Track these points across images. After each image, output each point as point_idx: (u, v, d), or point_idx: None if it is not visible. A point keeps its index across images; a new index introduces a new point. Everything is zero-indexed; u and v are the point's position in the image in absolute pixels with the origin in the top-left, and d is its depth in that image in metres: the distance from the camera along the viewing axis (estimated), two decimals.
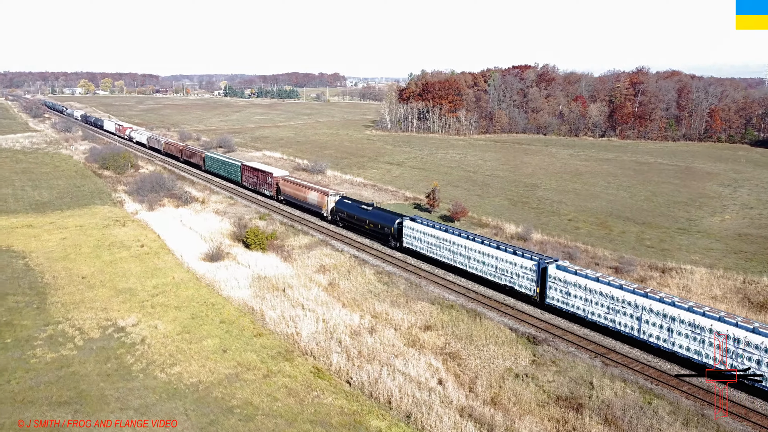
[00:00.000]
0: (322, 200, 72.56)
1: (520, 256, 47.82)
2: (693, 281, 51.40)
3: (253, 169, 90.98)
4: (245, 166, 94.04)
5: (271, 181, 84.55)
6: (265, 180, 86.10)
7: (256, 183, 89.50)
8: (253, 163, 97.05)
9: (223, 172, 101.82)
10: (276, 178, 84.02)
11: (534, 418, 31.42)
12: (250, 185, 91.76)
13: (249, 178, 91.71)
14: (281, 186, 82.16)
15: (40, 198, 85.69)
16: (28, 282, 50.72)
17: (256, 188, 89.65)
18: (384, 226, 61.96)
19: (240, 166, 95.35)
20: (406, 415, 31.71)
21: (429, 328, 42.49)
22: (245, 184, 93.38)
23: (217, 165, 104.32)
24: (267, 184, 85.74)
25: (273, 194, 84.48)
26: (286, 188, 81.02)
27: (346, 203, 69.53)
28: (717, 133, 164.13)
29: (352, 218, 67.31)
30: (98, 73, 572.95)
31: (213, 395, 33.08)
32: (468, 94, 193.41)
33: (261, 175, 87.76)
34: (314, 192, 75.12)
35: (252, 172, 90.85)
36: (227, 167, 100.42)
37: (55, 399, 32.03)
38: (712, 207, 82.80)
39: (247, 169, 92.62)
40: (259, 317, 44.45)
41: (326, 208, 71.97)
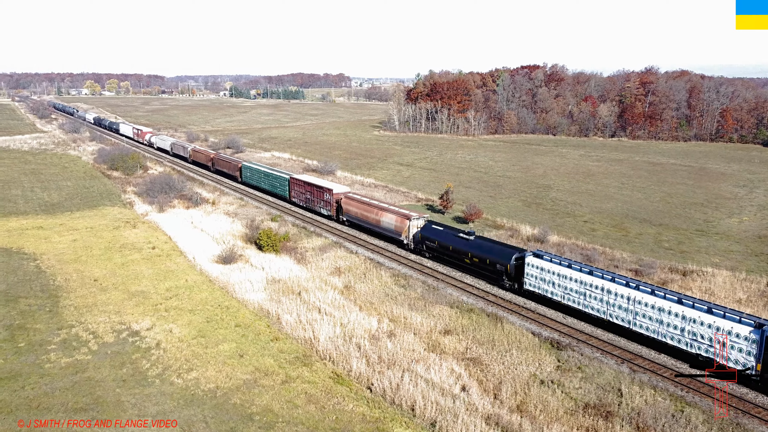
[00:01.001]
0: (402, 225, 60.89)
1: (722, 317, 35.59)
2: (716, 284, 50.32)
3: (305, 184, 79.15)
4: (296, 179, 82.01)
5: (330, 198, 73.00)
6: (322, 197, 74.65)
7: (309, 200, 78.04)
8: (306, 177, 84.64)
9: (266, 186, 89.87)
10: (337, 195, 72.66)
11: (563, 427, 30.46)
12: (300, 202, 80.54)
13: (300, 193, 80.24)
14: (344, 205, 70.41)
15: (50, 199, 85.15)
16: (39, 284, 50.06)
17: (308, 206, 78.57)
18: (495, 262, 49.99)
19: (288, 179, 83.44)
20: (431, 423, 30.80)
21: (449, 333, 41.57)
22: (294, 200, 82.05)
23: (258, 177, 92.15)
24: (324, 201, 74.18)
25: (331, 214, 73.29)
26: (351, 208, 69.27)
27: (435, 230, 57.70)
28: (729, 133, 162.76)
29: (445, 249, 55.57)
30: (104, 74, 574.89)
31: (232, 402, 32.25)
32: (476, 95, 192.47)
33: (316, 191, 76.24)
34: (390, 214, 62.99)
35: (304, 187, 79.30)
36: (271, 180, 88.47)
37: (72, 405, 31.25)
38: (729, 208, 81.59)
39: (299, 184, 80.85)
40: (275, 321, 43.61)
41: (407, 234, 60.47)
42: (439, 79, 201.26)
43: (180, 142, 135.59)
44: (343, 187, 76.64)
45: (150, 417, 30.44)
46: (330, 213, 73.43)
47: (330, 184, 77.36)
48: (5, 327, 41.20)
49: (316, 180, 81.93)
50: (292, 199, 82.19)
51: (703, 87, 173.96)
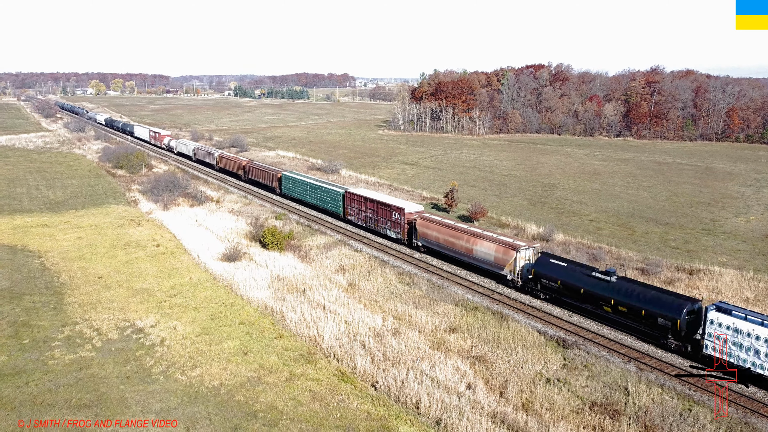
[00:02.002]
0: (506, 257, 49.36)
1: None
2: (723, 283, 49.93)
3: (367, 201, 66.71)
4: (353, 195, 69.25)
5: (400, 218, 61.40)
6: (389, 216, 63.04)
7: (371, 219, 66.20)
8: (367, 192, 71.54)
9: (313, 200, 77.88)
10: (409, 215, 61.05)
11: (569, 425, 30.18)
12: (359, 221, 68.58)
13: (359, 211, 68.25)
14: (420, 227, 58.75)
15: (55, 197, 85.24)
16: (44, 282, 50.04)
17: (369, 226, 66.59)
18: (654, 314, 38.43)
19: (343, 194, 70.96)
20: (436, 421, 30.56)
21: (454, 331, 41.32)
22: (351, 218, 69.98)
23: (303, 189, 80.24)
24: (392, 222, 62.52)
25: (401, 237, 61.78)
26: (429, 231, 57.56)
27: (556, 265, 46.02)
28: (735, 133, 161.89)
29: (572, 292, 43.91)
30: (109, 74, 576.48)
31: (236, 399, 32.09)
32: (481, 94, 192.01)
33: (381, 210, 64.29)
34: (488, 243, 51.38)
35: (365, 204, 66.97)
36: (320, 194, 76.10)
37: (75, 402, 31.13)
38: (736, 207, 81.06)
39: (357, 200, 68.40)
40: (280, 319, 43.44)
41: (512, 268, 48.90)
42: (444, 79, 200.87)
43: (205, 147, 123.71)
44: (416, 205, 64.45)
45: (153, 413, 30.30)
46: (399, 236, 62.11)
47: (400, 202, 64.75)
48: (10, 324, 41.17)
49: (381, 196, 68.50)
50: (348, 217, 70.59)
51: (709, 86, 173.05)
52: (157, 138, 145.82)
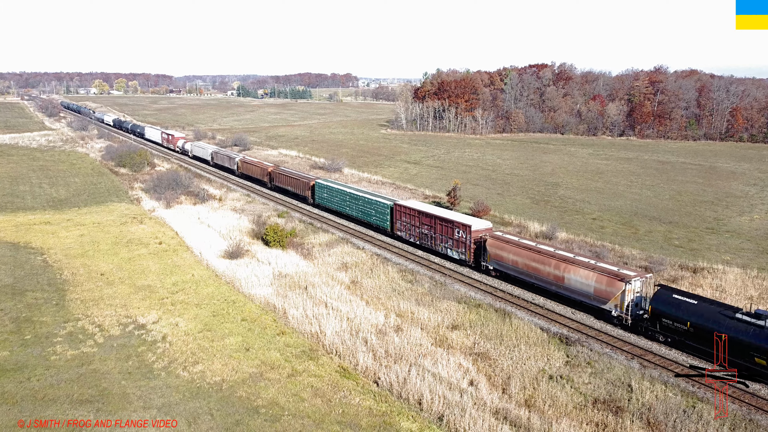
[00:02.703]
0: (612, 288, 40.89)
1: None
2: (727, 281, 49.69)
3: (421, 215, 58.73)
4: (404, 208, 61.06)
5: (466, 237, 53.27)
6: (450, 234, 55.02)
7: (426, 236, 58.16)
8: (421, 205, 62.74)
9: (354, 212, 69.30)
10: (477, 232, 52.89)
11: (572, 421, 30.04)
12: (411, 237, 60.45)
13: (411, 227, 59.99)
14: (492, 248, 50.48)
15: (57, 195, 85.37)
16: (46, 278, 50.04)
17: (425, 243, 58.71)
18: None
19: (391, 207, 62.83)
20: (438, 417, 30.45)
21: (457, 328, 41.21)
22: (401, 234, 61.85)
23: (341, 200, 71.99)
24: (455, 241, 54.43)
25: (466, 258, 53.58)
26: (504, 254, 49.32)
27: (681, 302, 37.41)
28: (739, 133, 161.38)
29: (707, 336, 35.09)
30: (112, 74, 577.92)
31: (237, 394, 32.00)
32: (484, 93, 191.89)
33: (441, 226, 56.19)
34: (585, 271, 43.00)
35: (419, 219, 58.90)
36: (363, 206, 67.58)
37: (77, 397, 31.08)
38: (740, 206, 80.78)
39: (409, 213, 60.50)
40: (282, 315, 43.37)
41: (618, 302, 40.58)
42: (447, 78, 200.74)
43: (224, 151, 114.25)
44: (484, 222, 55.78)
45: (155, 409, 30.23)
46: (464, 257, 53.81)
47: (466, 218, 56.45)
48: (12, 320, 41.16)
49: (441, 211, 59.82)
50: (397, 233, 62.52)
51: (712, 86, 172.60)
52: (170, 140, 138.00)
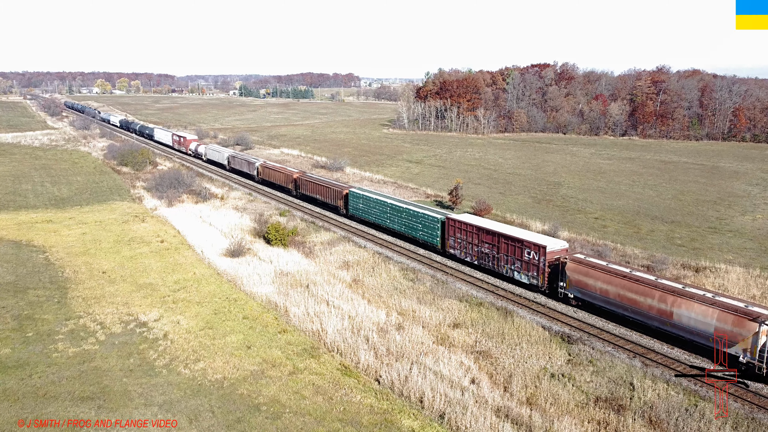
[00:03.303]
0: (738, 329, 34.18)
1: None
2: (729, 280, 49.57)
3: (482, 231, 51.91)
4: (459, 222, 54.20)
5: (538, 258, 46.41)
6: (519, 255, 47.99)
7: (488, 256, 51.26)
8: (481, 220, 55.52)
9: (396, 225, 62.62)
10: (552, 254, 46.16)
11: (573, 419, 29.98)
12: (468, 257, 53.56)
13: (468, 244, 53.20)
14: (573, 273, 43.49)
15: (60, 194, 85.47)
16: (48, 276, 50.09)
17: (485, 264, 51.74)
18: None
19: (442, 221, 56.36)
20: (440, 415, 30.40)
21: (458, 326, 41.17)
22: (454, 252, 55.00)
23: (380, 211, 65.10)
24: (524, 263, 47.49)
25: (540, 283, 46.61)
26: (590, 280, 42.39)
27: None
28: (741, 133, 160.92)
29: None
30: (115, 73, 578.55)
31: (238, 392, 32.00)
32: (486, 93, 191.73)
33: (507, 245, 49.22)
34: (701, 306, 36.18)
35: (478, 236, 52.15)
36: (406, 219, 60.96)
37: (78, 394, 31.11)
38: (742, 206, 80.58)
39: (465, 229, 53.49)
40: (283, 313, 43.36)
41: (748, 346, 33.67)
42: (449, 78, 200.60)
43: (242, 155, 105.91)
44: (559, 242, 48.40)
45: (156, 406, 30.24)
46: (537, 282, 46.90)
47: (539, 237, 49.16)
48: (14, 317, 41.20)
49: (505, 228, 52.29)
50: (449, 251, 55.77)
51: (715, 86, 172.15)
52: (181, 142, 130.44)
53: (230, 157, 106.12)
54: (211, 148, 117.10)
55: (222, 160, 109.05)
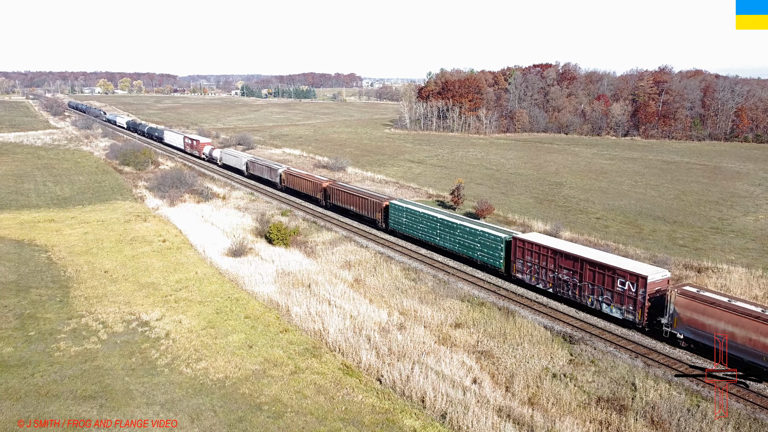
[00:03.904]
0: None
1: None
2: (731, 281, 49.49)
3: (559, 255, 45.37)
4: (529, 243, 47.78)
5: (635, 290, 39.78)
6: (610, 284, 41.51)
7: (567, 284, 44.73)
8: (557, 242, 48.72)
9: (446, 243, 56.30)
10: (654, 285, 39.63)
11: (575, 419, 29.93)
12: (540, 283, 47.07)
13: (540, 269, 46.71)
14: (685, 311, 36.95)
15: (62, 193, 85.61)
16: (50, 275, 50.17)
17: (563, 293, 45.23)
18: None
19: (507, 241, 49.84)
20: (441, 415, 30.39)
21: (460, 326, 41.15)
22: (522, 276, 48.49)
23: (428, 228, 58.50)
24: (618, 294, 40.96)
25: (637, 318, 39.93)
26: (711, 321, 35.39)
27: None
28: (744, 133, 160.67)
29: None
30: (117, 73, 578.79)
31: (240, 391, 32.01)
32: (488, 93, 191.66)
33: (594, 273, 42.66)
34: None
35: (555, 260, 45.59)
36: (460, 236, 54.40)
37: (80, 393, 31.15)
38: (745, 206, 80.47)
39: (537, 252, 47.04)
40: (285, 313, 43.37)
41: None
42: (451, 78, 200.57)
43: (263, 161, 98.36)
44: (661, 271, 41.48)
45: (158, 405, 30.26)
46: (633, 317, 40.33)
47: (636, 265, 42.34)
48: (16, 316, 41.27)
49: (589, 252, 45.63)
50: (516, 275, 49.23)
51: (717, 86, 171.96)
52: (194, 146, 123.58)
53: (249, 162, 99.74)
54: (228, 153, 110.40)
55: (240, 165, 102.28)
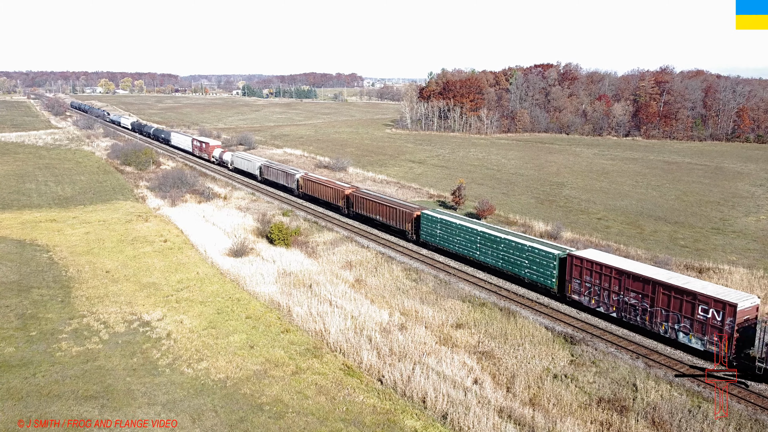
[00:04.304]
0: None
1: None
2: (732, 282, 49.41)
3: (623, 274, 40.88)
4: (585, 261, 43.24)
5: (722, 320, 35.28)
6: (689, 312, 37.05)
7: (633, 308, 40.08)
8: (619, 261, 43.53)
9: (488, 258, 51.61)
10: (744, 313, 35.15)
11: (576, 420, 29.95)
12: (602, 306, 42.28)
13: (601, 290, 42.07)
14: None
15: (63, 193, 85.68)
16: (52, 275, 50.23)
17: (630, 318, 40.55)
18: None
19: (561, 258, 45.24)
20: (442, 415, 30.41)
21: (461, 326, 41.16)
22: (578, 298, 43.93)
23: (466, 241, 53.76)
24: (698, 323, 36.56)
25: (724, 351, 35.33)
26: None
27: None
28: (745, 133, 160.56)
29: None
30: (118, 73, 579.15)
31: (241, 392, 32.06)
32: (489, 93, 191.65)
33: (669, 298, 38.09)
34: None
35: (620, 282, 40.95)
36: (505, 251, 49.80)
37: (82, 393, 31.20)
38: (746, 207, 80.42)
39: (596, 271, 42.50)
40: (286, 313, 43.39)
41: None
42: (452, 78, 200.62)
43: (277, 165, 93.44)
44: (750, 297, 36.51)
45: (159, 405, 30.32)
46: (717, 348, 35.69)
47: (718, 290, 37.71)
48: (18, 316, 41.35)
49: (662, 273, 40.63)
50: (572, 296, 44.64)
51: (719, 86, 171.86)
52: (203, 148, 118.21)
53: (263, 166, 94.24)
54: (240, 156, 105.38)
55: (252, 170, 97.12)
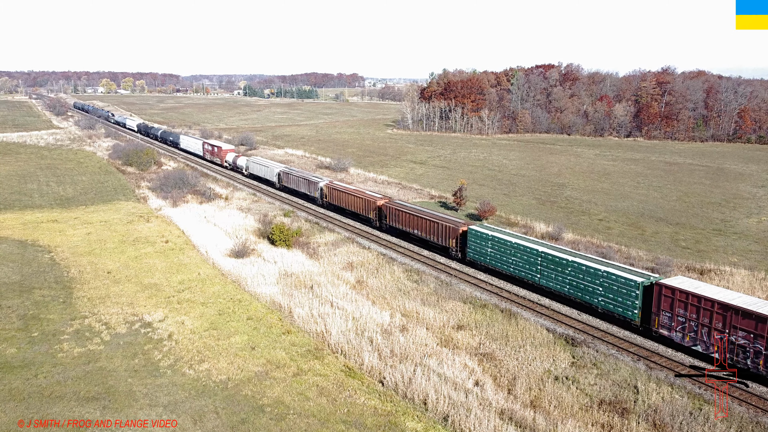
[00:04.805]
0: None
1: None
2: (734, 283, 49.44)
3: (726, 309, 34.61)
4: (679, 292, 37.01)
5: None
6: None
7: (744, 351, 33.95)
8: (713, 292, 36.61)
9: (549, 282, 45.93)
10: None
11: (577, 422, 29.93)
12: (698, 344, 36.28)
13: (697, 326, 36.16)
14: None
15: (65, 193, 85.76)
16: (53, 276, 50.29)
17: (744, 363, 34.02)
18: None
19: (647, 286, 39.22)
20: (444, 417, 30.41)
21: (462, 328, 41.16)
22: (668, 334, 37.87)
23: (524, 262, 47.88)
24: None
25: None
26: None
27: None
28: (747, 134, 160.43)
29: None
30: (120, 73, 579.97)
31: (243, 393, 32.08)
32: (490, 94, 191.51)
33: None
34: None
35: (721, 316, 34.90)
36: (574, 276, 43.67)
37: (83, 394, 31.25)
38: (748, 208, 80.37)
39: (693, 303, 36.37)
40: (287, 314, 43.41)
41: None
42: (453, 78, 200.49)
43: (298, 172, 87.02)
44: None
45: (161, 407, 30.36)
46: None
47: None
48: (19, 317, 41.41)
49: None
50: (660, 331, 38.44)
51: (720, 87, 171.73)
52: (215, 153, 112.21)
53: (282, 173, 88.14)
54: (256, 162, 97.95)
55: (270, 176, 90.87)
